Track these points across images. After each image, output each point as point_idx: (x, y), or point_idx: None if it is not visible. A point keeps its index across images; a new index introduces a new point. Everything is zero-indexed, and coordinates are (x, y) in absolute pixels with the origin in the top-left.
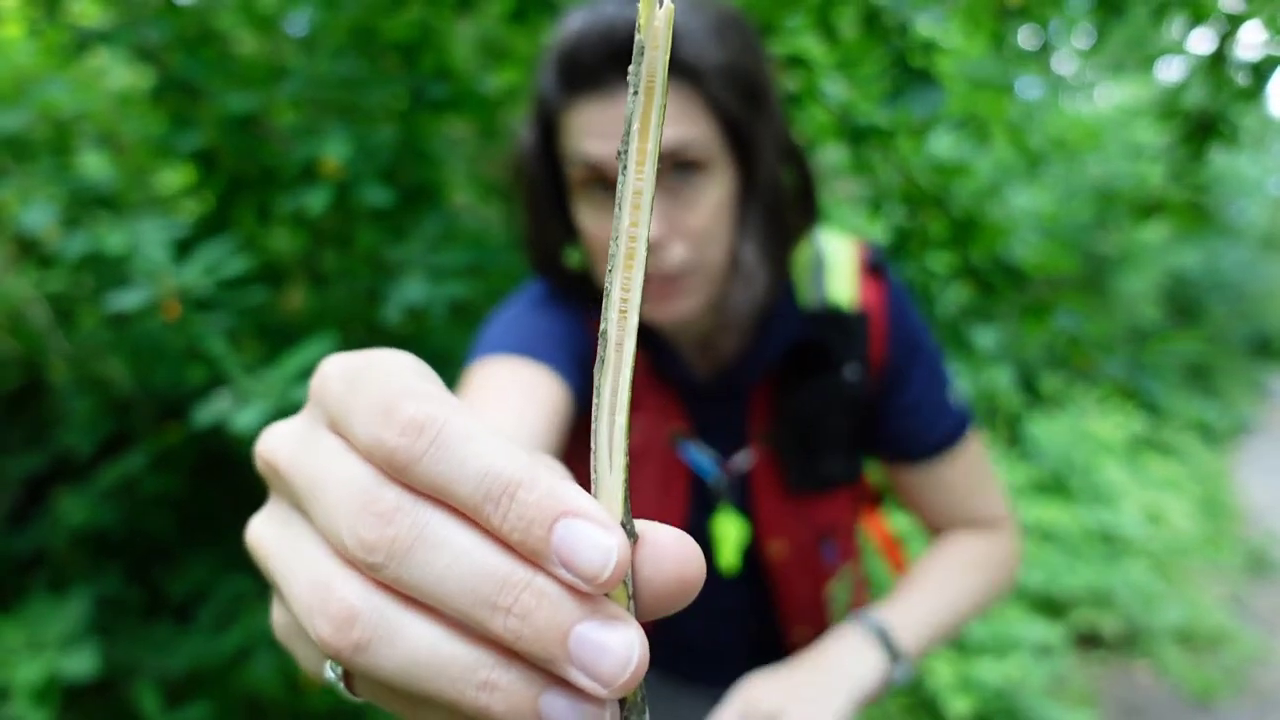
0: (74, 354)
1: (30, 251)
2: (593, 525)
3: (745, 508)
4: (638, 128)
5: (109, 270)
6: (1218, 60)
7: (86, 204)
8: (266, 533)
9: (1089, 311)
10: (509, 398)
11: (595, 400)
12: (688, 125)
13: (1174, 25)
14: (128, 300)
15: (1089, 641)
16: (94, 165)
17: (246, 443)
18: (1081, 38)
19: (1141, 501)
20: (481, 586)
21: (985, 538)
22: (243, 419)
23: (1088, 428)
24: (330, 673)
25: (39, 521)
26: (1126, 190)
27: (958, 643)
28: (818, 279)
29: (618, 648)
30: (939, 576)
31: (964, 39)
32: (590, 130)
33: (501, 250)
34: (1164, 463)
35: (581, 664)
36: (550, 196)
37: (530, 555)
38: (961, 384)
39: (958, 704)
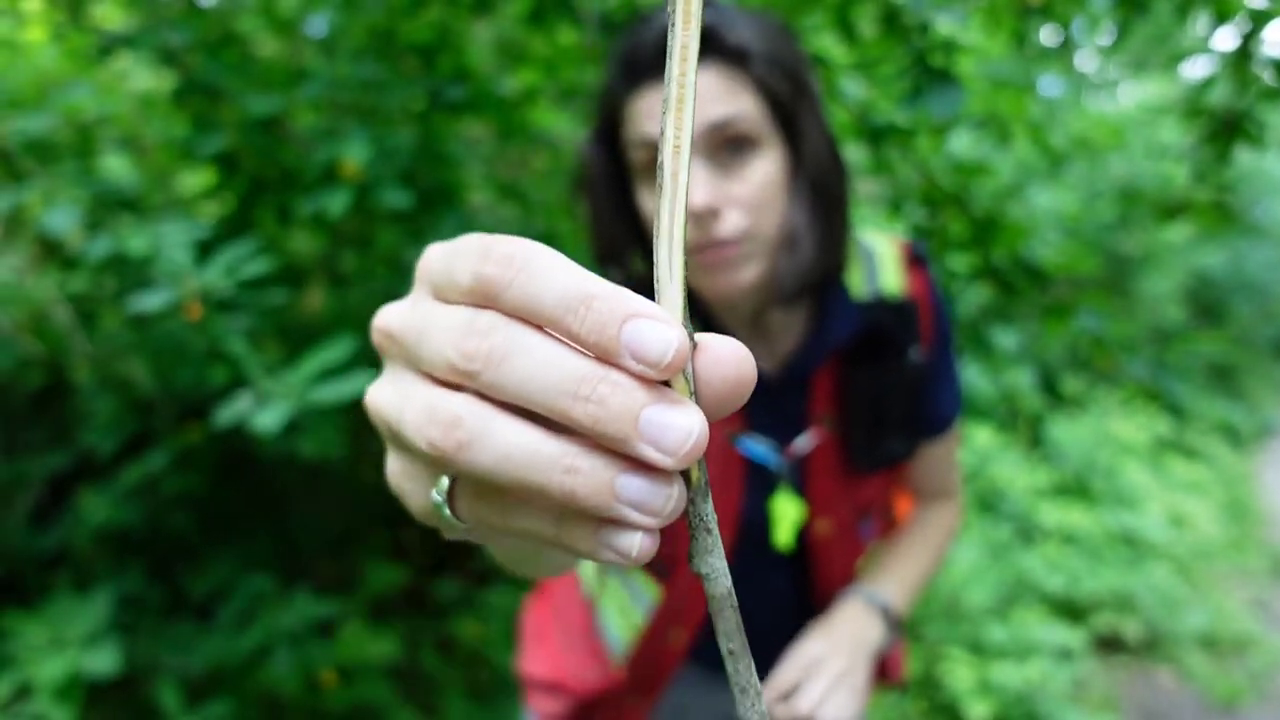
0: (96, 355)
1: (54, 253)
2: (656, 321)
3: (800, 489)
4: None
5: (131, 272)
6: (1243, 58)
7: (109, 206)
8: (382, 391)
9: (1112, 312)
10: None
11: (655, 222)
12: (736, 101)
13: (1198, 23)
14: (150, 301)
15: (1110, 646)
16: (117, 168)
17: (267, 443)
18: (1104, 35)
19: (1165, 504)
20: (564, 382)
21: (950, 509)
22: (263, 419)
23: (1111, 430)
24: (436, 496)
25: (62, 521)
26: (1150, 190)
27: (977, 646)
28: (869, 272)
29: (681, 423)
30: (921, 552)
31: (985, 37)
32: (651, 113)
33: None
34: (1188, 465)
35: (651, 439)
36: (614, 193)
37: (604, 354)
38: (982, 384)
39: (977, 708)
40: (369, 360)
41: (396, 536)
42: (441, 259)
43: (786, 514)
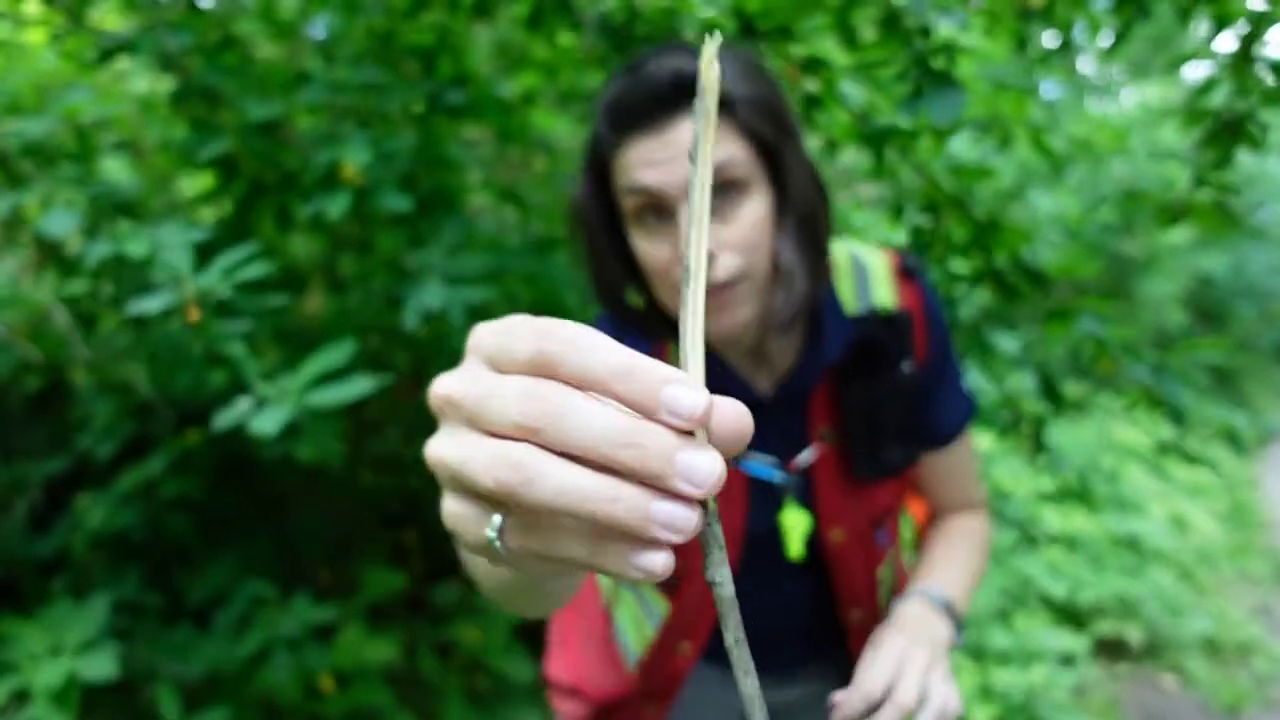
0: (94, 358)
1: (53, 256)
2: (687, 386)
3: (807, 501)
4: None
5: (130, 275)
6: (1244, 61)
7: (108, 210)
8: (443, 444)
9: (1113, 315)
10: None
11: (681, 311)
12: (725, 148)
13: (1199, 25)
14: (149, 305)
15: (1113, 651)
16: (115, 170)
17: (265, 446)
18: (1106, 38)
19: (1167, 509)
20: (613, 434)
21: (978, 519)
22: (261, 423)
23: (1113, 435)
24: (490, 531)
25: (60, 526)
26: (1152, 193)
27: (979, 651)
28: (861, 286)
29: (707, 462)
30: (964, 558)
31: (986, 40)
32: (640, 162)
33: (520, 254)
34: (1190, 470)
35: (684, 475)
36: (608, 234)
37: (645, 412)
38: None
39: (980, 714)
40: (368, 364)
41: (396, 540)
42: (495, 338)
43: (795, 526)
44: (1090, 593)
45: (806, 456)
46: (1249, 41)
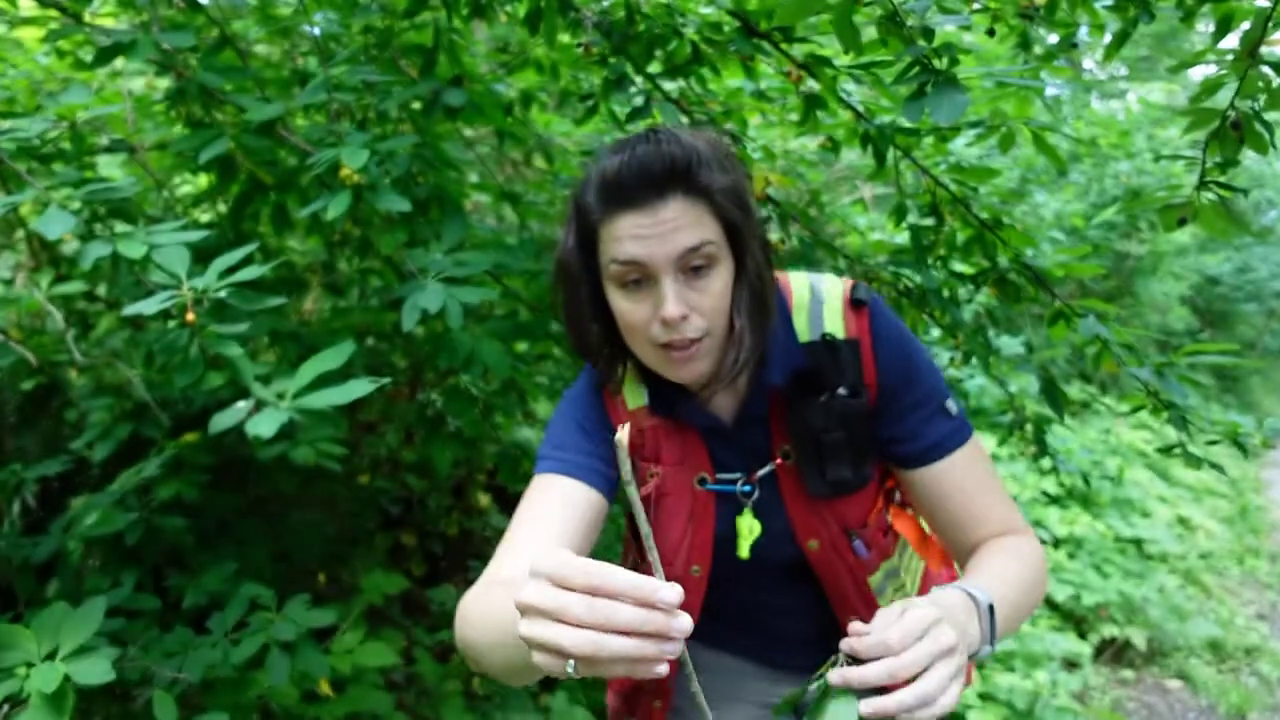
0: (90, 360)
1: (49, 255)
2: (670, 590)
3: (778, 513)
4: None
5: (126, 276)
6: (1248, 60)
7: (104, 211)
8: (536, 628)
9: (1117, 317)
10: (557, 514)
11: (646, 544)
12: (704, 230)
13: (1204, 25)
14: (145, 307)
15: (1117, 655)
16: (111, 171)
17: (263, 449)
18: (1108, 37)
19: (1172, 512)
20: (637, 620)
21: (1024, 539)
22: (259, 425)
23: (1117, 437)
24: (570, 669)
25: (55, 528)
26: (1154, 194)
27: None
28: (815, 317)
29: (685, 621)
30: (1008, 570)
31: (988, 39)
32: (628, 236)
33: (518, 254)
34: (1195, 473)
35: (676, 630)
36: (590, 291)
37: (647, 604)
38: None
39: (983, 717)
40: (365, 365)
41: (394, 543)
42: (555, 569)
43: (745, 531)
44: (1095, 596)
45: (765, 470)
46: (1253, 41)
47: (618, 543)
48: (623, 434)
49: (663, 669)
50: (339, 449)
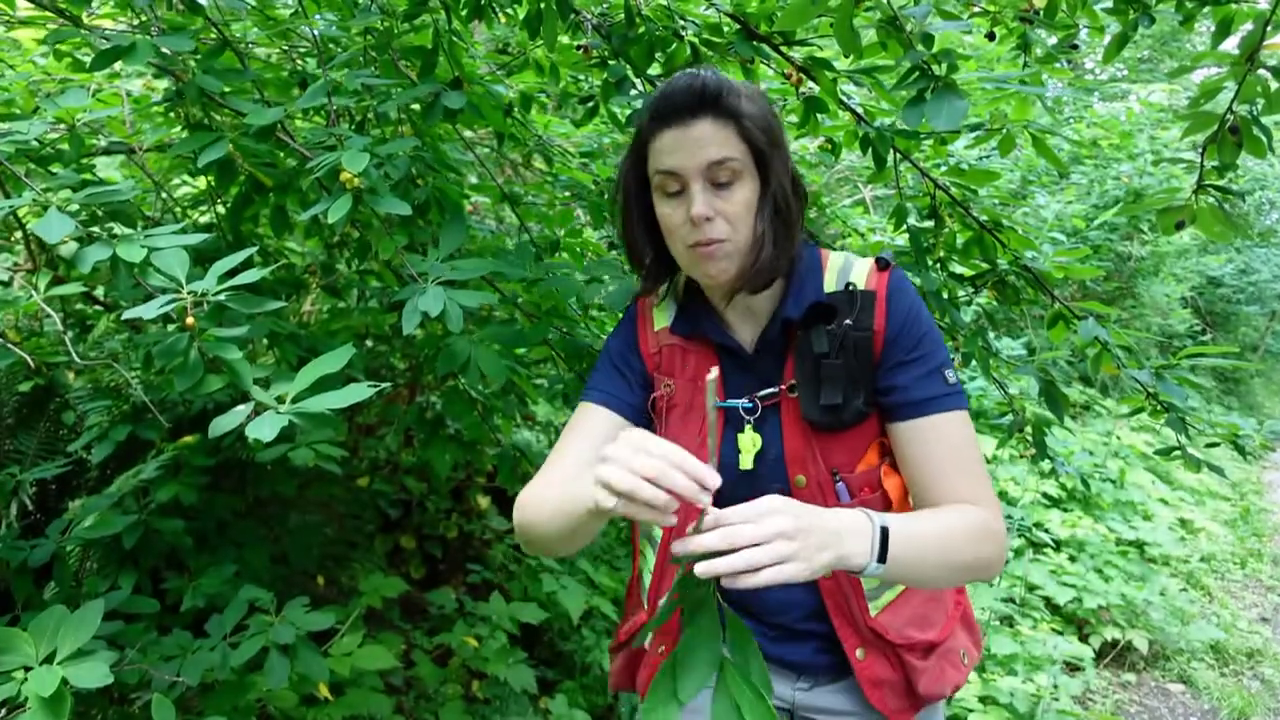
0: (88, 362)
1: (46, 259)
2: (712, 475)
3: (776, 443)
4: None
5: (125, 279)
6: (1247, 65)
7: (103, 213)
8: (613, 472)
9: (1118, 319)
10: (599, 431)
11: (709, 431)
12: (730, 148)
13: (1204, 28)
14: (145, 311)
15: (1119, 657)
16: (110, 173)
17: (263, 452)
18: (1108, 39)
19: (1173, 515)
20: (677, 484)
21: (978, 509)
22: (258, 429)
23: (1118, 440)
24: (616, 503)
25: (53, 530)
26: (1154, 196)
27: (983, 659)
28: (843, 274)
29: (710, 500)
30: (928, 516)
31: (989, 41)
32: (665, 149)
33: (515, 259)
34: (1197, 475)
35: (702, 502)
36: (639, 201)
37: (695, 479)
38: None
39: None
40: (364, 368)
41: (393, 545)
42: (642, 438)
43: (748, 445)
44: (1096, 598)
45: (768, 392)
46: (1253, 44)
47: (618, 545)
48: (714, 374)
49: (670, 520)
50: (338, 451)
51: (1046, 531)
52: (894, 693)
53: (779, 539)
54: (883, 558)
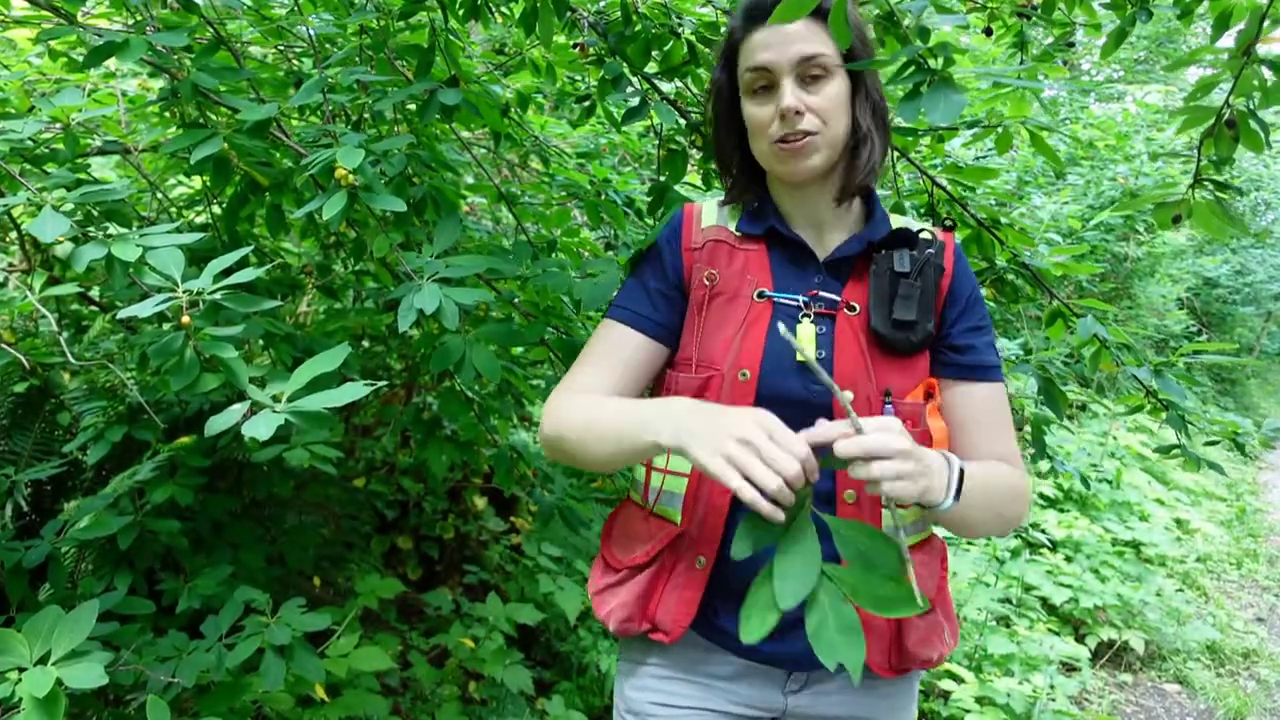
0: (83, 363)
1: (41, 259)
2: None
3: (830, 357)
4: None
5: (120, 279)
6: (1243, 58)
7: (98, 212)
8: (739, 451)
9: (1115, 318)
10: (614, 359)
11: (844, 407)
12: (822, 45)
13: (1201, 24)
14: (140, 310)
15: (1115, 658)
16: (105, 172)
17: (259, 452)
18: (1105, 36)
19: (1170, 515)
20: (790, 474)
21: (1015, 469)
22: (254, 429)
23: (1115, 440)
24: (734, 482)
25: (48, 531)
26: (1151, 193)
27: (980, 659)
28: (907, 224)
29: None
30: (988, 468)
31: (987, 38)
32: (757, 47)
33: (512, 257)
34: (1193, 475)
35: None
36: (730, 105)
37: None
38: None
39: None
40: (360, 368)
41: (390, 546)
42: (775, 425)
43: (805, 335)
44: (1092, 599)
45: (829, 296)
46: (1249, 38)
47: None
48: (809, 351)
49: (778, 515)
50: (334, 452)
51: (1043, 532)
52: (883, 644)
53: (902, 457)
54: (957, 496)
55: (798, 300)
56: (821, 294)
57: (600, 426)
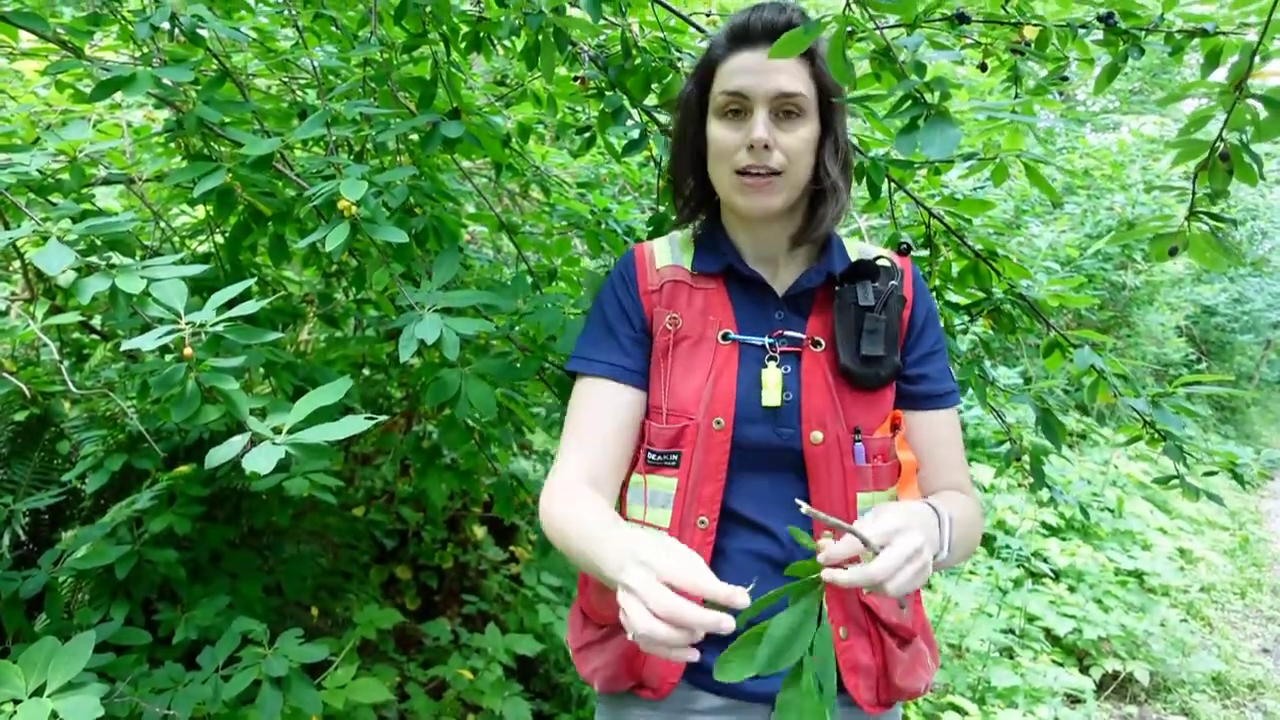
0: (84, 392)
1: (43, 288)
2: (729, 621)
3: (794, 393)
4: None
5: (123, 309)
6: (1235, 93)
7: (102, 243)
8: (625, 599)
9: (1113, 348)
10: (602, 429)
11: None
12: (801, 84)
13: (1193, 59)
14: (143, 342)
15: (1120, 689)
16: (109, 202)
17: (258, 482)
18: (1098, 71)
19: (1172, 544)
20: (695, 621)
21: (971, 498)
22: (255, 461)
23: (1116, 469)
24: (633, 636)
25: (45, 561)
26: (1147, 224)
27: (983, 690)
28: (864, 253)
29: (727, 626)
30: (956, 506)
31: (981, 73)
32: (737, 70)
33: (509, 292)
34: (1195, 504)
35: (723, 629)
36: (695, 123)
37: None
38: (982, 421)
39: None
40: (361, 398)
41: (388, 576)
42: (655, 559)
43: (770, 383)
44: (1096, 630)
45: (792, 335)
46: (1241, 73)
47: None
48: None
49: (694, 653)
50: (333, 481)
51: (1045, 561)
52: (870, 681)
53: (912, 559)
54: (948, 548)
55: (763, 342)
56: (785, 332)
57: (572, 551)
